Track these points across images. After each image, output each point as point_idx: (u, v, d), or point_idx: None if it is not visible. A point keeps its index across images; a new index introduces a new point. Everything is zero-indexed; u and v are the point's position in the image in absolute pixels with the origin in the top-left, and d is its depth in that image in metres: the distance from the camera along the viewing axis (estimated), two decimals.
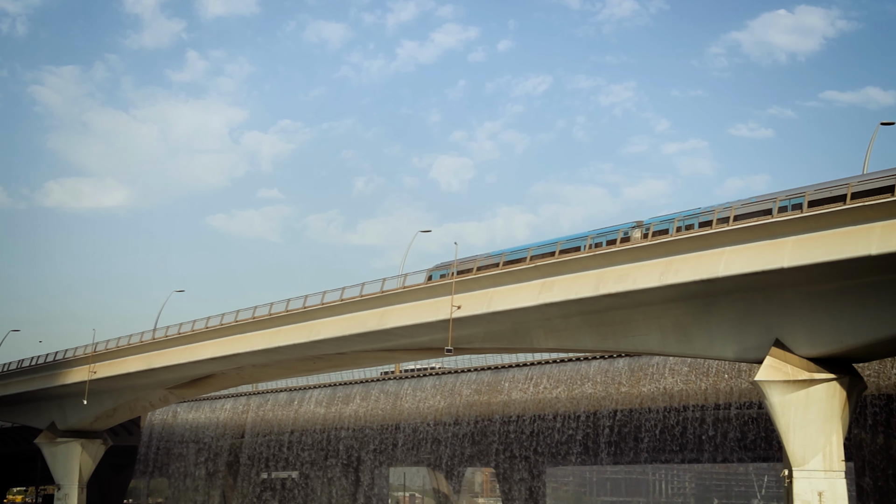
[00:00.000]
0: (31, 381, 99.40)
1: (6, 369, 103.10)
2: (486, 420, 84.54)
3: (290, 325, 71.26)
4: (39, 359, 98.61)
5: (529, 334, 59.19)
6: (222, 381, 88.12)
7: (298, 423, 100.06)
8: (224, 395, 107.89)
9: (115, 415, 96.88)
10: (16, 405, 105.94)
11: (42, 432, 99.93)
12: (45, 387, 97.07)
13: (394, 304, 63.39)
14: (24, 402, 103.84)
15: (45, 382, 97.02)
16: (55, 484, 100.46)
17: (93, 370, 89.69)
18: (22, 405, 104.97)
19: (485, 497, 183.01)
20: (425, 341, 64.58)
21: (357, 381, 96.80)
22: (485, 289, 57.81)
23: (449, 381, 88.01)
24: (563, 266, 53.59)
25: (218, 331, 78.19)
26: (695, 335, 51.49)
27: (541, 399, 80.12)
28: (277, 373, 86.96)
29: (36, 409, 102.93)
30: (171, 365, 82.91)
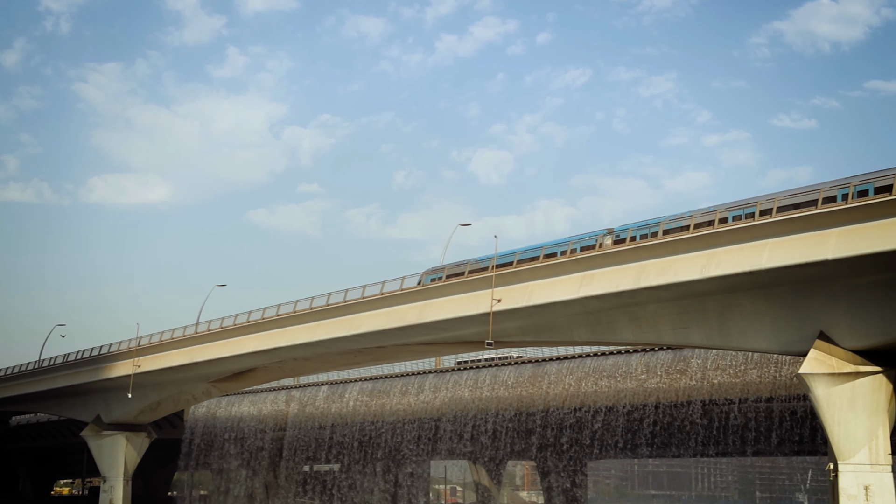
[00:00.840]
0: (76, 374, 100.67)
1: (52, 363, 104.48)
2: (527, 413, 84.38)
3: (331, 319, 71.57)
4: (85, 353, 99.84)
5: (570, 328, 58.97)
6: (264, 374, 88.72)
7: (340, 416, 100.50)
8: (266, 388, 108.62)
9: (158, 408, 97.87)
10: (62, 398, 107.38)
11: (88, 425, 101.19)
12: (91, 380, 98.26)
13: (434, 298, 63.42)
14: (70, 396, 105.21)
15: (91, 376, 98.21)
16: (101, 476, 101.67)
17: (137, 364, 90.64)
18: (68, 398, 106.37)
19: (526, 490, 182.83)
20: (466, 335, 64.56)
21: (398, 374, 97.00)
22: (525, 282, 57.65)
23: (490, 375, 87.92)
24: (603, 259, 53.32)
25: (259, 325, 78.71)
26: (737, 328, 51.01)
27: (582, 392, 79.80)
28: (318, 366, 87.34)
29: (82, 402, 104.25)
30: (213, 359, 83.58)
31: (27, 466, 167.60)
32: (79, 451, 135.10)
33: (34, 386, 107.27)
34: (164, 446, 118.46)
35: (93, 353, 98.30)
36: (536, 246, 58.28)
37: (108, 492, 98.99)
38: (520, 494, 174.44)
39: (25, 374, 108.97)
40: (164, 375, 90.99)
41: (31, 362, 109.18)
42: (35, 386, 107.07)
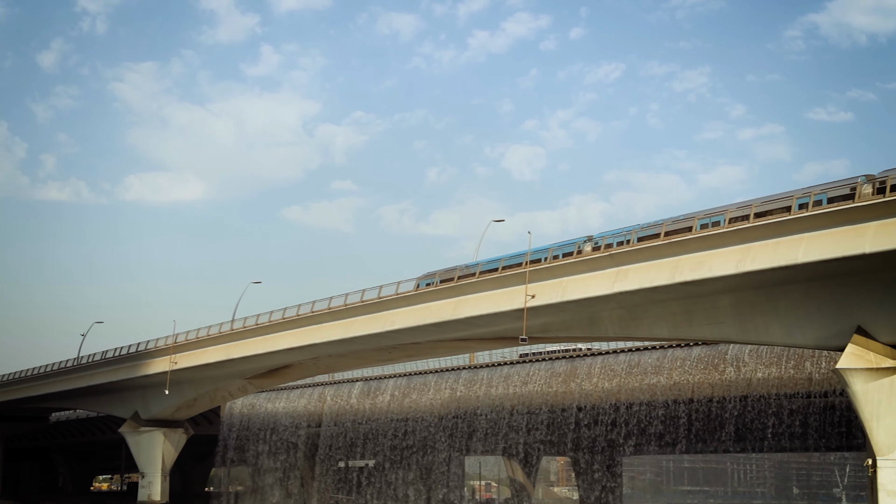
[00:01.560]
0: (114, 371, 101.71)
1: (91, 360, 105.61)
2: (561, 409, 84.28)
3: (366, 316, 71.82)
4: (122, 350, 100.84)
5: (605, 323, 58.86)
6: (299, 371, 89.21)
7: (374, 412, 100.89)
8: (301, 384, 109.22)
9: (195, 404, 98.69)
10: (100, 395, 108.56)
11: (126, 422, 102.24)
12: (129, 377, 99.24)
13: (468, 294, 63.48)
14: (109, 392, 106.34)
15: (129, 373, 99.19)
16: (139, 472, 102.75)
17: (174, 361, 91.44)
18: (106, 395, 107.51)
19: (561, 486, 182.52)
20: (500, 330, 64.60)
21: (432, 370, 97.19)
22: (558, 278, 57.60)
23: (524, 370, 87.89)
24: (637, 254, 53.16)
25: (294, 321, 79.13)
26: (773, 323, 50.70)
27: (617, 388, 79.57)
28: (353, 363, 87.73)
29: (120, 399, 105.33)
30: (249, 355, 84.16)
31: (67, 462, 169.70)
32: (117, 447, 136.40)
33: (73, 383, 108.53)
34: (201, 442, 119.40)
35: (130, 351, 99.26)
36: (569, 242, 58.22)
37: (147, 487, 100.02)
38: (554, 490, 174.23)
39: (65, 371, 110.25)
40: (200, 372, 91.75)
41: (70, 359, 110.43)
42: (74, 383, 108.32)
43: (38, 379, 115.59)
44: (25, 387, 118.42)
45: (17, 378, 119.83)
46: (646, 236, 53.30)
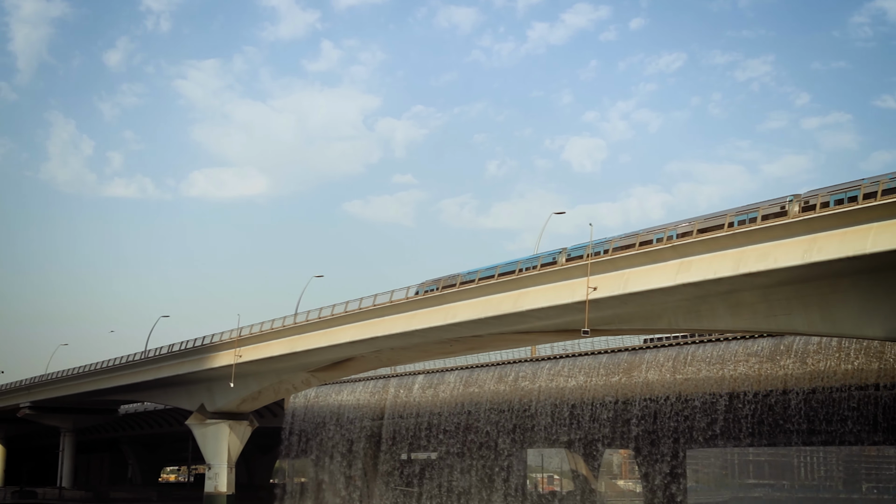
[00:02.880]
0: (180, 364, 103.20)
1: (158, 353, 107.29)
2: (624, 401, 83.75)
3: (427, 309, 72.00)
4: (188, 343, 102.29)
5: (668, 315, 58.38)
6: (361, 363, 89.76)
7: (436, 404, 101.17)
8: (364, 377, 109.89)
9: (260, 397, 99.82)
10: (167, 388, 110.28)
11: (192, 414, 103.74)
12: (195, 370, 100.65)
13: (529, 287, 63.35)
14: (175, 385, 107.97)
15: (194, 366, 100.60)
16: (206, 463, 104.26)
17: (238, 354, 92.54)
18: (173, 388, 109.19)
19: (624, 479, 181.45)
20: (561, 323, 64.38)
21: (494, 363, 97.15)
22: (620, 270, 57.21)
23: (586, 363, 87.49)
24: (701, 246, 52.61)
25: (356, 315, 79.62)
26: (841, 314, 49.86)
27: (681, 380, 78.87)
28: (415, 356, 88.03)
29: (186, 391, 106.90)
30: (312, 348, 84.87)
31: (136, 454, 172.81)
32: (184, 439, 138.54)
33: (141, 376, 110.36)
34: (266, 434, 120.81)
35: (196, 344, 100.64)
36: (632, 233, 57.87)
37: (213, 478, 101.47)
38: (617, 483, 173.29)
39: (132, 364, 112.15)
40: (264, 365, 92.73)
41: (137, 353, 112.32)
42: (142, 376, 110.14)
43: (107, 372, 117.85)
44: (95, 380, 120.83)
45: (88, 371, 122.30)
46: (709, 227, 52.70)
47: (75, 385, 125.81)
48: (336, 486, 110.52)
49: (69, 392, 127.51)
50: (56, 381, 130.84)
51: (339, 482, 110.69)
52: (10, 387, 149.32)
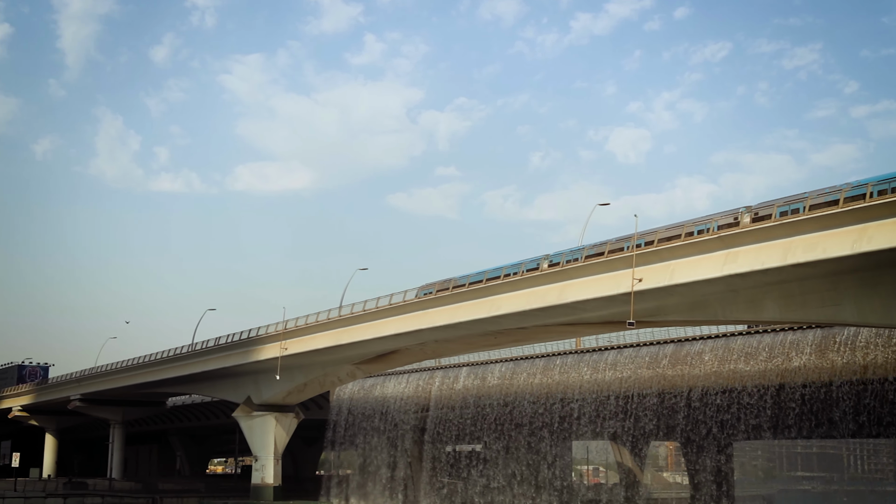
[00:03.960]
0: (227, 357, 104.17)
1: (205, 346, 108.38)
2: (670, 394, 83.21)
3: (471, 301, 72.03)
4: (234, 336, 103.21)
5: (714, 306, 57.89)
6: (406, 356, 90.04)
7: (481, 396, 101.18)
8: (408, 369, 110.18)
9: (305, 389, 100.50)
10: (214, 380, 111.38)
11: (239, 406, 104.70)
12: (241, 363, 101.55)
13: (573, 279, 63.14)
14: (222, 378, 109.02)
15: (241, 359, 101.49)
16: (252, 455, 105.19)
17: (284, 347, 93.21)
18: (220, 380, 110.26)
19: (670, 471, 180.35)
20: (606, 315, 64.13)
21: (539, 354, 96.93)
22: (666, 261, 56.84)
23: (631, 355, 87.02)
24: (747, 236, 52.07)
25: (401, 307, 79.84)
26: (892, 304, 49.08)
27: (727, 372, 78.16)
28: (459, 348, 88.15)
29: (233, 384, 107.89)
30: (357, 341, 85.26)
31: (184, 445, 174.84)
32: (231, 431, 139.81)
33: (188, 368, 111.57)
34: (312, 426, 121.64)
35: (242, 337, 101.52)
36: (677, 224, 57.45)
37: (260, 470, 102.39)
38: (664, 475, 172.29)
39: (180, 356, 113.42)
40: (309, 358, 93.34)
41: (184, 346, 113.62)
42: (189, 368, 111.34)
43: (155, 365, 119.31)
44: (143, 372, 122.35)
45: (136, 364, 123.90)
46: (757, 218, 52.14)
47: (124, 378, 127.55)
48: (381, 478, 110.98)
49: (118, 385, 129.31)
50: (105, 374, 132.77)
51: (384, 474, 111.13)
52: (60, 379, 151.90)
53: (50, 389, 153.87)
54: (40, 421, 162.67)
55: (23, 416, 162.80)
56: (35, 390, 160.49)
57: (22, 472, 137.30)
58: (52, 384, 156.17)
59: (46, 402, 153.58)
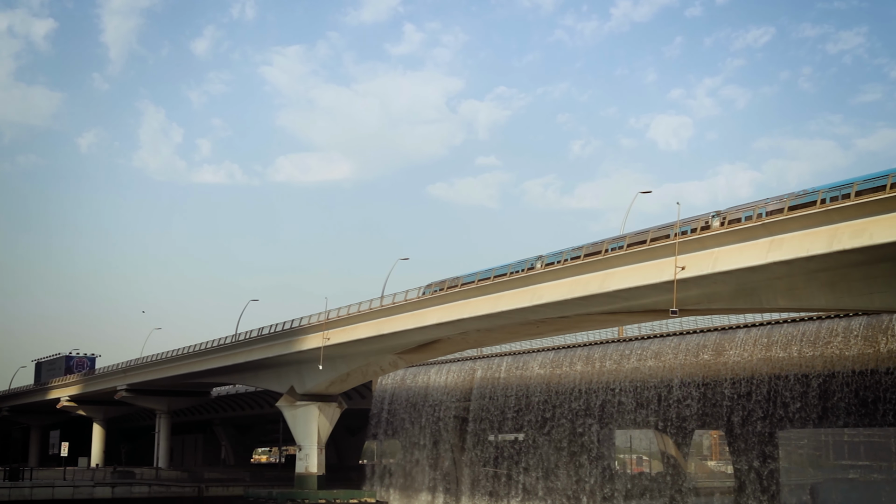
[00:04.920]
0: (270, 347, 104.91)
1: (248, 336, 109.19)
2: (713, 382, 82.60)
3: (512, 290, 71.96)
4: (277, 326, 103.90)
5: (758, 294, 57.36)
6: (448, 345, 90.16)
7: (523, 386, 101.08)
8: (451, 359, 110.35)
9: (348, 379, 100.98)
10: (258, 370, 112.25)
11: (282, 396, 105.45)
12: (284, 353, 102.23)
13: (615, 267, 62.85)
14: (265, 368, 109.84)
15: (284, 349, 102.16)
16: (296, 445, 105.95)
17: (326, 337, 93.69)
18: (263, 370, 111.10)
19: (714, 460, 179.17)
20: (649, 303, 63.79)
21: (581, 343, 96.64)
22: (709, 249, 56.41)
23: (674, 343, 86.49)
24: (792, 223, 51.49)
25: (442, 297, 79.93)
26: None
27: (772, 360, 77.42)
28: (501, 337, 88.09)
29: (276, 374, 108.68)
30: (398, 331, 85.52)
31: (228, 435, 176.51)
32: (275, 421, 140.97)
33: (232, 359, 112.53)
34: (355, 416, 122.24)
35: (285, 327, 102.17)
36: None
37: (304, 459, 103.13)
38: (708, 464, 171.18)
39: (224, 347, 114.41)
40: (352, 348, 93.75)
41: (228, 336, 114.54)
42: (233, 359, 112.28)
43: (199, 355, 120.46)
44: (188, 363, 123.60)
45: (181, 355, 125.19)
46: (800, 204, 51.53)
47: (169, 368, 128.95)
48: (424, 467, 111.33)
49: (163, 375, 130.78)
50: (151, 365, 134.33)
51: (426, 463, 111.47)
52: (107, 370, 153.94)
53: (97, 380, 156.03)
54: (88, 411, 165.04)
55: (71, 407, 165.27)
56: (82, 381, 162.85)
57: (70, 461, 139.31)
58: (98, 375, 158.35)
59: (93, 392, 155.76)
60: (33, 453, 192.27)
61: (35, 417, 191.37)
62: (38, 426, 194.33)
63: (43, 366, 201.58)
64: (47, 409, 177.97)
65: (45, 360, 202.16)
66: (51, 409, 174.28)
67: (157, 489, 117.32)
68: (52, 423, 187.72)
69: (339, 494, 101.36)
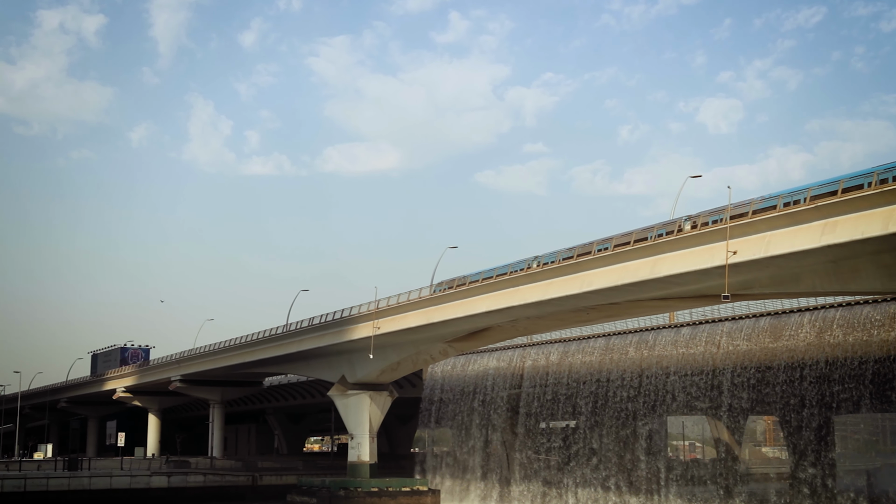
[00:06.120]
0: (321, 337, 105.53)
1: (299, 327, 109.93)
2: (767, 367, 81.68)
3: (562, 277, 71.68)
4: (328, 316, 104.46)
5: (810, 278, 56.65)
6: (498, 333, 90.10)
7: (574, 372, 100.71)
8: (500, 346, 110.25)
9: (398, 368, 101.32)
10: (309, 360, 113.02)
11: (334, 385, 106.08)
12: (335, 342, 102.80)
13: (665, 252, 62.36)
14: (317, 357, 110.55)
15: (334, 338, 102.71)
16: (348, 433, 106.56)
17: (376, 326, 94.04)
18: (314, 360, 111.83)
19: (769, 446, 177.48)
20: (700, 289, 63.25)
21: (631, 330, 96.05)
22: (761, 233, 55.74)
23: (727, 328, 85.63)
24: (846, 205, 50.68)
25: (492, 285, 79.83)
26: None
27: (826, 344, 76.36)
28: (551, 324, 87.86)
29: (327, 363, 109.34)
30: (448, 319, 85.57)
31: (281, 424, 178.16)
32: (327, 410, 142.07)
33: (283, 349, 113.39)
34: (405, 405, 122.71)
35: (335, 317, 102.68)
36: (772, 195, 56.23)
37: (356, 448, 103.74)
38: (762, 450, 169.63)
39: (275, 337, 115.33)
40: (402, 336, 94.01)
41: (279, 326, 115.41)
42: (284, 349, 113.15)
43: (251, 345, 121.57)
44: (240, 353, 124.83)
45: (233, 345, 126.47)
46: (853, 186, 50.72)
47: (222, 358, 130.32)
48: (475, 455, 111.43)
49: (216, 365, 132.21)
50: (204, 355, 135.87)
51: (477, 451, 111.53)
52: (161, 361, 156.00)
53: (151, 371, 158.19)
54: (143, 401, 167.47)
55: (126, 397, 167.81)
56: (137, 372, 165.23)
57: (127, 451, 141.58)
58: (153, 366, 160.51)
59: (148, 383, 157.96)
60: (91, 443, 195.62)
61: (92, 408, 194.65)
62: (95, 417, 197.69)
63: (99, 357, 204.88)
64: (104, 400, 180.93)
65: (101, 352, 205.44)
66: (107, 400, 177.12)
67: (211, 478, 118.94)
68: (109, 413, 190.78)
69: (392, 482, 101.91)
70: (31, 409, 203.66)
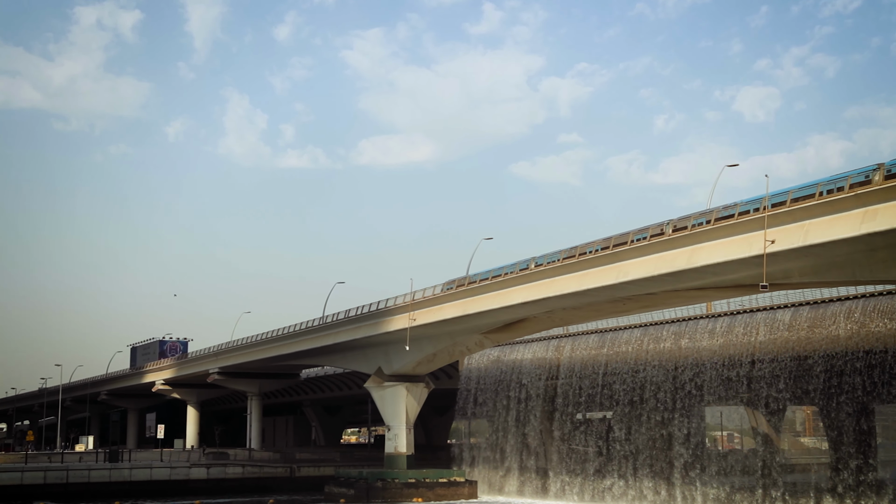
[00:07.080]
0: (357, 329, 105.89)
1: (335, 319, 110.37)
2: (806, 357, 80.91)
3: (598, 268, 71.43)
4: (364, 308, 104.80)
5: (850, 266, 56.06)
6: (534, 324, 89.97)
7: (611, 363, 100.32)
8: (537, 338, 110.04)
9: (434, 360, 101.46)
10: (345, 352, 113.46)
11: (370, 377, 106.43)
12: (371, 334, 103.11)
13: (703, 242, 61.98)
14: (353, 349, 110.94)
15: (370, 330, 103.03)
16: (385, 425, 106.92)
17: (412, 317, 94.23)
18: (351, 352, 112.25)
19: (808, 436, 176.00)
20: (738, 278, 62.81)
21: (668, 320, 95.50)
22: (799, 221, 55.24)
23: (765, 318, 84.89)
24: (886, 193, 50.10)
25: (527, 276, 79.70)
26: None
27: (867, 333, 75.49)
28: (587, 315, 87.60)
29: (363, 355, 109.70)
30: (484, 310, 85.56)
31: (318, 416, 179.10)
32: (363, 402, 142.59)
33: (320, 341, 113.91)
34: (442, 396, 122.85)
35: (371, 309, 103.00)
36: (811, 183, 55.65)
37: (393, 439, 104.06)
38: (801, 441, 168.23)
39: (311, 329, 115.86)
40: (438, 328, 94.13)
41: (315, 318, 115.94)
42: (320, 341, 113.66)
43: (288, 338, 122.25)
44: (277, 345, 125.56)
45: (270, 338, 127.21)
46: (894, 174, 50.09)
47: (259, 351, 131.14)
48: (512, 446, 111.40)
49: (254, 358, 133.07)
50: (241, 348, 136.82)
51: (514, 442, 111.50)
52: (199, 354, 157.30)
53: (190, 363, 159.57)
54: (182, 394, 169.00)
55: (165, 390, 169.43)
56: (176, 364, 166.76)
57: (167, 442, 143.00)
58: (191, 358, 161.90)
59: (187, 375, 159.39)
60: (131, 435, 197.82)
61: (132, 401, 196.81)
62: (134, 409, 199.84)
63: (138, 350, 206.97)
64: (143, 393, 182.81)
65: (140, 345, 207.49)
66: (146, 393, 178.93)
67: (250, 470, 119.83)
68: (148, 406, 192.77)
69: (429, 474, 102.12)
70: (72, 401, 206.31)
